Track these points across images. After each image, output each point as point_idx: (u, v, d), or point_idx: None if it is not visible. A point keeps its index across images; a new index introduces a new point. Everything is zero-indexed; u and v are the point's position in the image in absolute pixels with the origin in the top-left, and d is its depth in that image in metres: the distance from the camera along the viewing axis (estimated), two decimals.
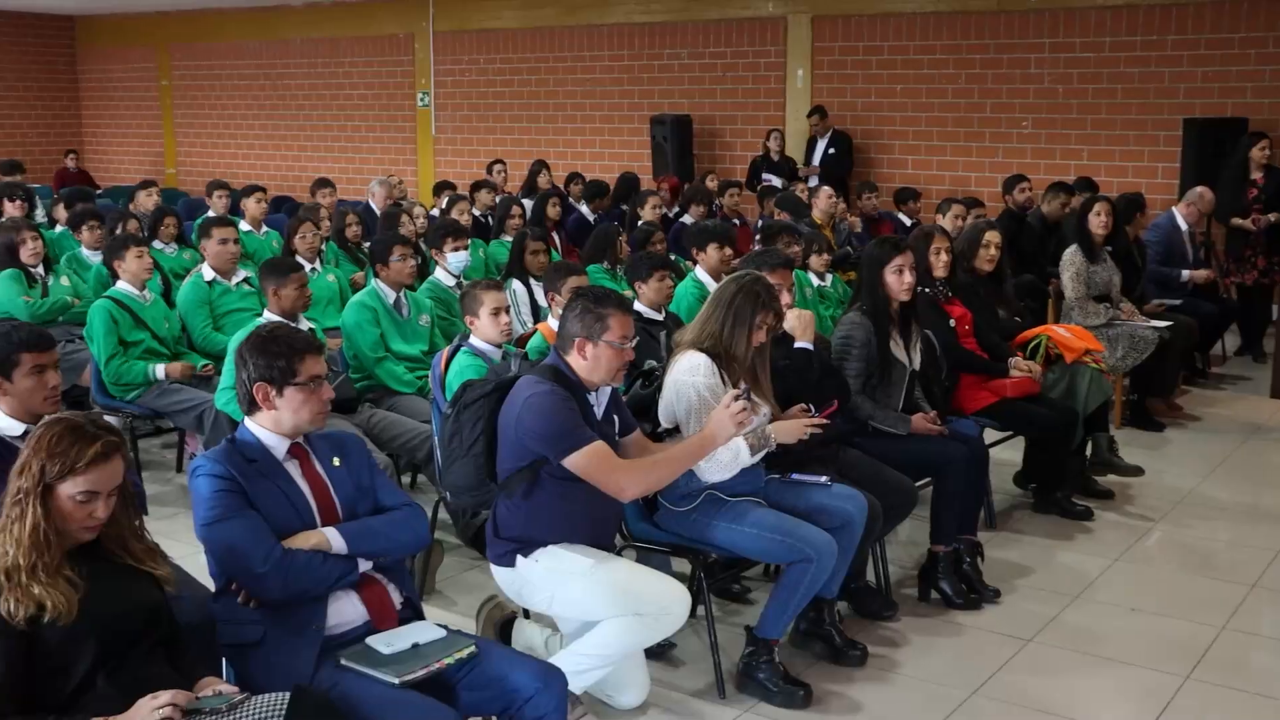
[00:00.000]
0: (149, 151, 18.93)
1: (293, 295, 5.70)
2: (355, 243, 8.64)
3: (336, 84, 16.58)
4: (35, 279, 7.28)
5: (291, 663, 3.01)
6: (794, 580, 4.16)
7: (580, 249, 9.55)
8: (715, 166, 13.21)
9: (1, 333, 3.90)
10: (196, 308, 6.71)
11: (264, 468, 3.18)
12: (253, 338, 3.30)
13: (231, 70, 17.62)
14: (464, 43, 15.29)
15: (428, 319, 6.23)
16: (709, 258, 6.59)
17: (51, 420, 2.80)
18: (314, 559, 3.07)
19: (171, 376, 6.19)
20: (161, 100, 18.57)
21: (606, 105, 14.34)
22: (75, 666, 2.67)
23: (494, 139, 15.13)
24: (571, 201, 11.21)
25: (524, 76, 14.91)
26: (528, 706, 3.02)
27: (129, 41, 18.69)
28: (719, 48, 13.50)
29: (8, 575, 2.64)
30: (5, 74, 18.65)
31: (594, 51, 14.32)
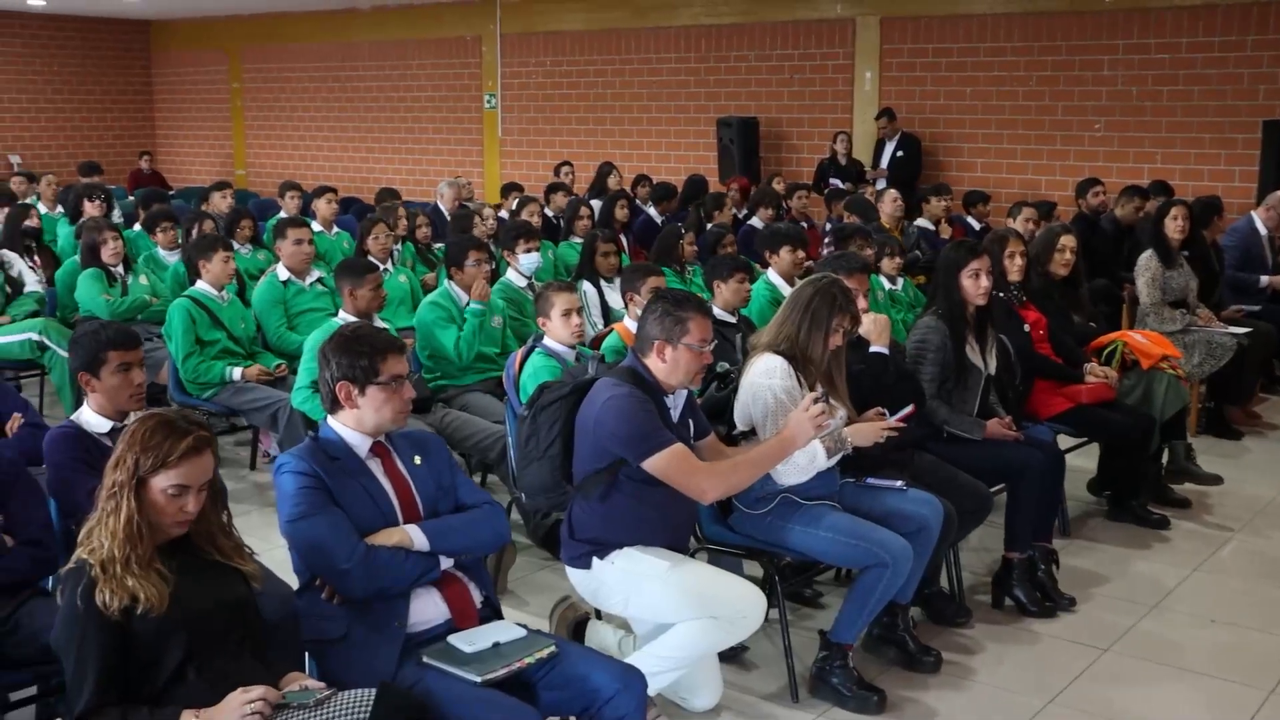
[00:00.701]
0: (219, 153, 19.21)
1: (368, 296, 5.77)
2: (425, 244, 8.70)
3: (404, 86, 16.73)
4: (115, 278, 7.41)
5: (374, 659, 3.04)
6: (869, 585, 4.13)
7: (648, 251, 9.57)
8: (781, 169, 13.16)
9: (89, 331, 3.99)
10: (271, 307, 6.80)
11: (347, 466, 3.21)
12: (336, 337, 3.33)
13: (300, 73, 17.83)
14: (531, 45, 15.36)
15: (500, 320, 6.26)
16: (782, 260, 6.57)
17: (145, 415, 2.85)
18: (396, 556, 3.10)
19: (247, 379, 6.27)
20: (232, 103, 18.83)
21: (673, 107, 14.34)
22: (166, 659, 2.72)
23: (560, 141, 15.18)
24: (639, 203, 11.21)
25: (590, 78, 14.94)
26: (607, 707, 3.02)
27: (201, 45, 18.98)
28: (786, 49, 13.45)
29: (103, 567, 2.69)
30: (83, 78, 19.02)
31: (661, 53, 14.33)
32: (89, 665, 2.65)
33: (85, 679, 2.65)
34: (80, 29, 18.85)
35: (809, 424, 3.79)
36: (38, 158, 17.90)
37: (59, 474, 3.81)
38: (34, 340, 7.21)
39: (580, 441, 3.86)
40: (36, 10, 17.86)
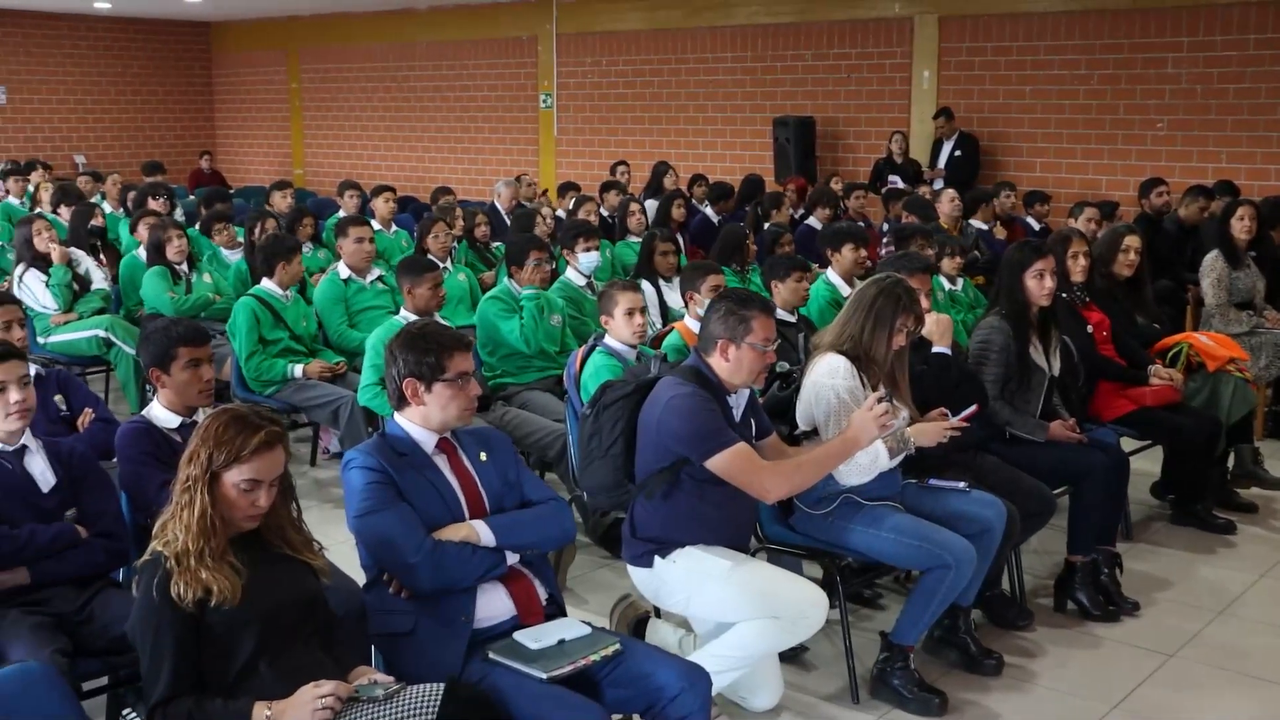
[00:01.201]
0: (277, 153, 19.42)
1: (426, 294, 5.82)
2: (484, 243, 8.75)
3: (460, 86, 16.83)
4: (180, 276, 7.51)
5: (441, 654, 3.06)
6: (931, 586, 4.11)
7: (704, 250, 9.56)
8: (838, 169, 13.11)
9: (160, 327, 4.05)
10: (333, 305, 6.87)
11: (414, 461, 3.24)
12: (403, 334, 3.36)
13: (358, 73, 17.99)
14: (587, 44, 15.40)
15: (559, 319, 6.29)
16: (844, 259, 6.54)
17: (219, 410, 2.89)
18: (464, 551, 3.13)
19: (309, 376, 6.33)
20: (290, 103, 19.03)
21: (729, 107, 14.31)
22: (239, 651, 2.76)
23: (615, 140, 15.20)
24: (694, 203, 11.20)
25: (646, 78, 14.95)
26: (672, 706, 3.03)
27: (260, 46, 19.20)
28: (844, 48, 13.39)
29: (178, 560, 2.73)
30: (145, 79, 19.32)
31: (717, 53, 14.31)
32: (164, 656, 2.70)
33: (160, 669, 2.69)
34: (143, 31, 19.14)
35: (873, 424, 3.78)
36: (101, 157, 18.19)
37: (130, 468, 3.87)
38: (100, 337, 7.34)
39: (643, 440, 3.87)
40: (102, 13, 18.16)
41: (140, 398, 7.40)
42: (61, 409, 4.71)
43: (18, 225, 7.99)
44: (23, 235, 7.59)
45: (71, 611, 3.52)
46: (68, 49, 18.51)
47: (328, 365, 6.42)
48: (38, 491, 3.66)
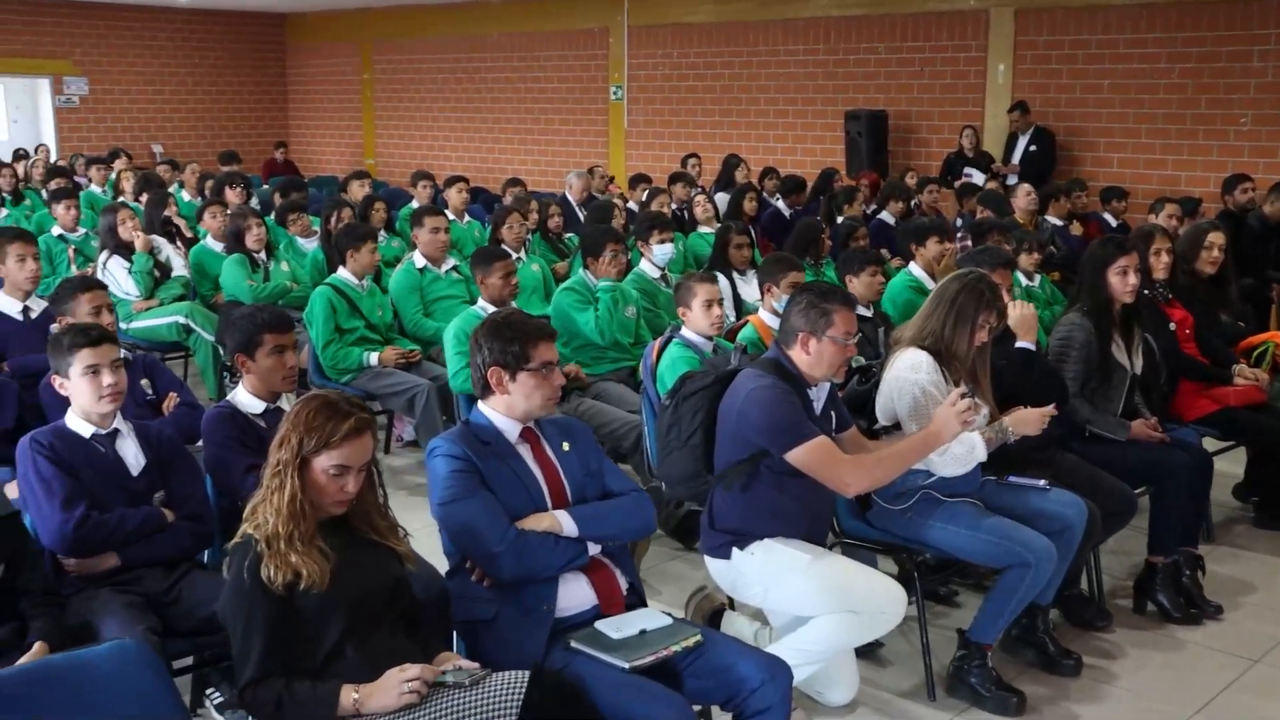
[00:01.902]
0: (349, 143, 19.61)
1: (498, 283, 5.84)
2: (557, 234, 8.78)
3: (531, 78, 16.89)
4: (258, 264, 7.61)
5: (523, 642, 3.08)
6: (1011, 585, 4.07)
7: (775, 244, 9.53)
8: (910, 163, 12.99)
9: (246, 314, 4.11)
10: (408, 294, 6.92)
11: (498, 450, 3.26)
12: (488, 323, 3.38)
13: (430, 64, 18.11)
14: (658, 37, 15.39)
15: (634, 310, 6.29)
16: (927, 253, 6.49)
17: (309, 396, 2.92)
18: (546, 540, 3.14)
19: (385, 363, 6.38)
20: (363, 94, 19.21)
21: (800, 100, 14.23)
22: (326, 634, 2.79)
23: (686, 133, 15.18)
24: (765, 196, 11.16)
25: (717, 70, 14.91)
26: (753, 698, 3.02)
27: (334, 38, 19.40)
28: (917, 41, 13.25)
29: (268, 543, 2.77)
30: (221, 70, 19.61)
31: (789, 45, 14.23)
32: (254, 637, 2.74)
33: (251, 650, 2.73)
34: (220, 23, 19.42)
35: (955, 420, 3.75)
36: (178, 147, 18.48)
37: (215, 452, 3.93)
38: (180, 323, 7.45)
39: (722, 432, 3.87)
40: (181, 6, 18.45)
41: (218, 384, 7.51)
42: (148, 393, 4.79)
43: (102, 213, 8.14)
44: (107, 223, 7.73)
45: (160, 592, 3.59)
46: (147, 41, 18.84)
47: (403, 353, 6.46)
48: (128, 474, 3.74)
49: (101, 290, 5.02)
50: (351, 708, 2.70)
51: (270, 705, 2.71)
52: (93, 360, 3.70)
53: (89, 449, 3.70)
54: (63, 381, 3.76)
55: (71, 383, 3.72)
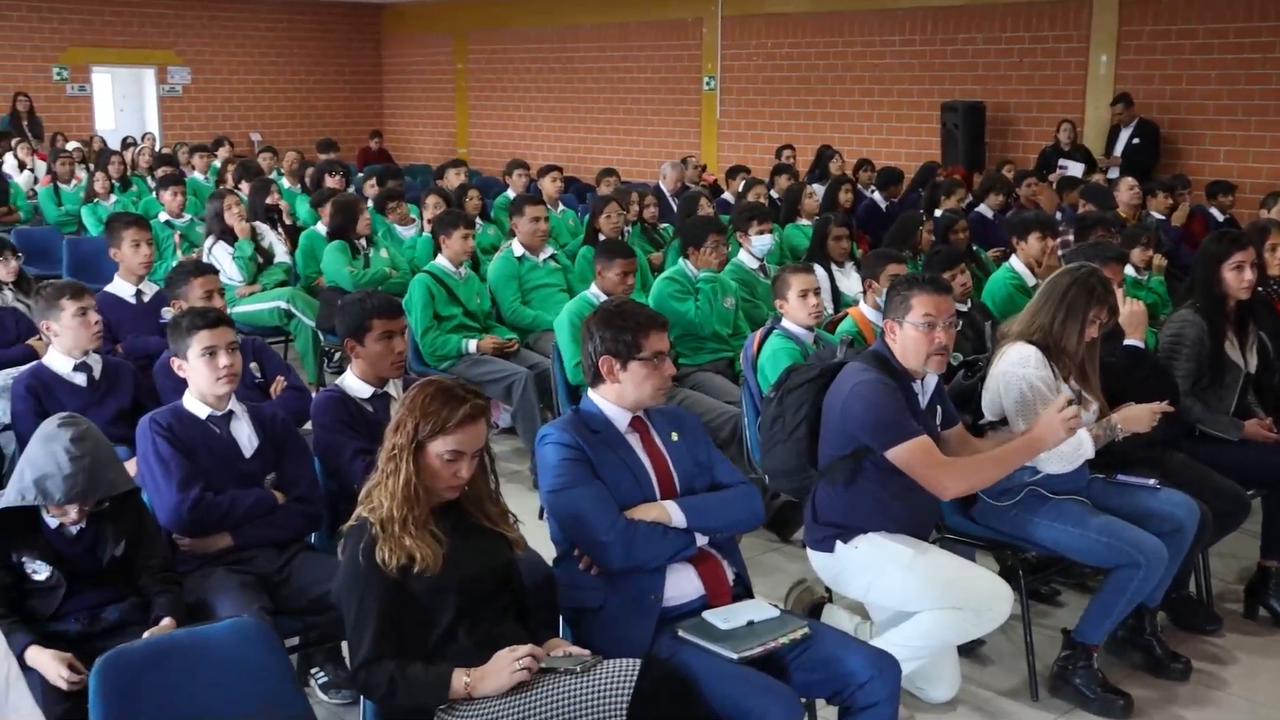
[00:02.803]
0: (442, 132, 19.81)
1: (614, 279, 5.81)
2: (652, 224, 8.78)
3: (624, 68, 16.91)
4: (358, 251, 7.71)
5: (630, 631, 3.08)
6: (1120, 585, 3.99)
7: (870, 236, 9.45)
8: (1007, 155, 12.78)
9: (355, 299, 4.17)
10: (506, 282, 6.96)
11: (607, 439, 3.26)
12: (600, 312, 3.40)
13: (523, 54, 18.22)
14: (752, 27, 15.31)
15: (732, 301, 6.28)
16: (1029, 247, 6.38)
17: (425, 381, 2.95)
18: (655, 530, 3.14)
19: (483, 350, 6.43)
20: (456, 83, 19.38)
21: (895, 91, 14.07)
22: (439, 618, 2.82)
23: (779, 124, 15.09)
24: (860, 188, 11.06)
25: (811, 61, 14.80)
26: (861, 692, 3.00)
27: (429, 28, 19.60)
28: (1017, 31, 13.03)
29: (383, 526, 2.80)
30: (319, 59, 19.92)
31: (885, 36, 14.08)
32: (368, 619, 2.77)
33: (365, 631, 2.77)
34: (318, 13, 19.72)
35: (1060, 426, 3.68)
36: (275, 135, 18.79)
37: (324, 435, 3.99)
38: (282, 309, 7.58)
39: (826, 426, 3.84)
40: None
41: (318, 368, 7.64)
42: (256, 376, 4.88)
43: (209, 200, 8.31)
44: (214, 209, 7.89)
45: (272, 572, 3.66)
46: (248, 31, 19.19)
47: (500, 341, 6.51)
48: (241, 455, 3.82)
49: (214, 275, 5.13)
50: (463, 691, 2.73)
51: (383, 686, 2.75)
52: (210, 342, 3.78)
53: (205, 430, 3.78)
54: (181, 363, 3.84)
55: (189, 365, 3.80)
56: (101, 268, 8.03)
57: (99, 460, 3.18)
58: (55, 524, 3.25)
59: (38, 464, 3.14)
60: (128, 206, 10.15)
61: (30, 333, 5.48)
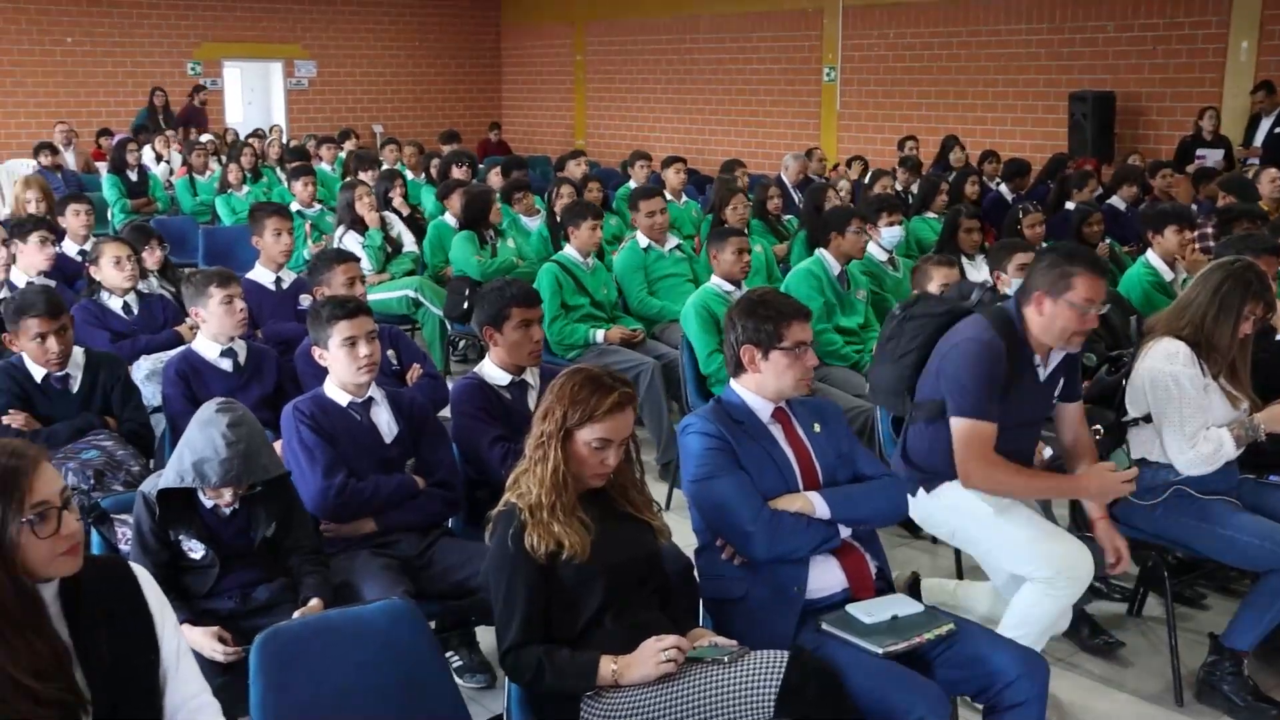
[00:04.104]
0: (560, 123, 19.94)
1: (730, 259, 5.86)
2: (775, 215, 8.73)
3: (743, 59, 16.83)
4: (486, 240, 7.79)
5: (773, 623, 3.07)
6: (1273, 589, 3.86)
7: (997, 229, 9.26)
8: (1139, 147, 12.45)
9: (495, 288, 4.21)
10: (633, 273, 6.98)
11: (750, 429, 3.25)
12: (743, 301, 3.39)
13: (641, 45, 18.25)
14: (873, 16, 15.13)
15: (864, 293, 6.22)
16: (1166, 241, 6.20)
17: (573, 370, 2.97)
18: (799, 522, 3.12)
19: (610, 341, 6.46)
20: (575, 75, 19.49)
21: (1021, 81, 13.78)
22: (585, 604, 2.84)
23: (900, 114, 14.89)
24: (985, 180, 10.86)
25: (934, 50, 14.58)
26: (1008, 691, 2.95)
27: (548, 19, 19.74)
28: (1150, 19, 12.66)
29: (531, 512, 2.83)
30: (440, 52, 20.21)
31: (1011, 24, 13.79)
32: (517, 604, 2.80)
33: (513, 616, 2.80)
34: (439, 6, 20.01)
35: (1117, 488, 3.72)
36: (397, 127, 19.12)
37: (463, 422, 4.04)
38: (410, 297, 7.70)
39: (929, 364, 3.86)
40: None
41: (444, 357, 7.74)
42: (393, 363, 4.96)
43: (341, 190, 8.47)
44: (345, 199, 8.04)
45: (414, 556, 3.73)
46: (371, 25, 19.55)
47: (627, 332, 6.53)
48: (382, 441, 3.88)
49: (355, 263, 5.22)
50: (610, 678, 2.75)
51: (530, 670, 2.78)
52: (350, 332, 3.85)
53: (346, 417, 3.86)
54: (322, 352, 3.92)
55: (330, 354, 3.88)
56: (235, 256, 8.27)
57: (253, 445, 3.26)
58: (210, 505, 3.34)
59: (196, 447, 3.23)
60: (259, 197, 10.39)
61: (177, 319, 5.65)
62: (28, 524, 2.25)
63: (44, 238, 6.15)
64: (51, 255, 6.17)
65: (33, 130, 15.97)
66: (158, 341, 5.43)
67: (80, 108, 16.84)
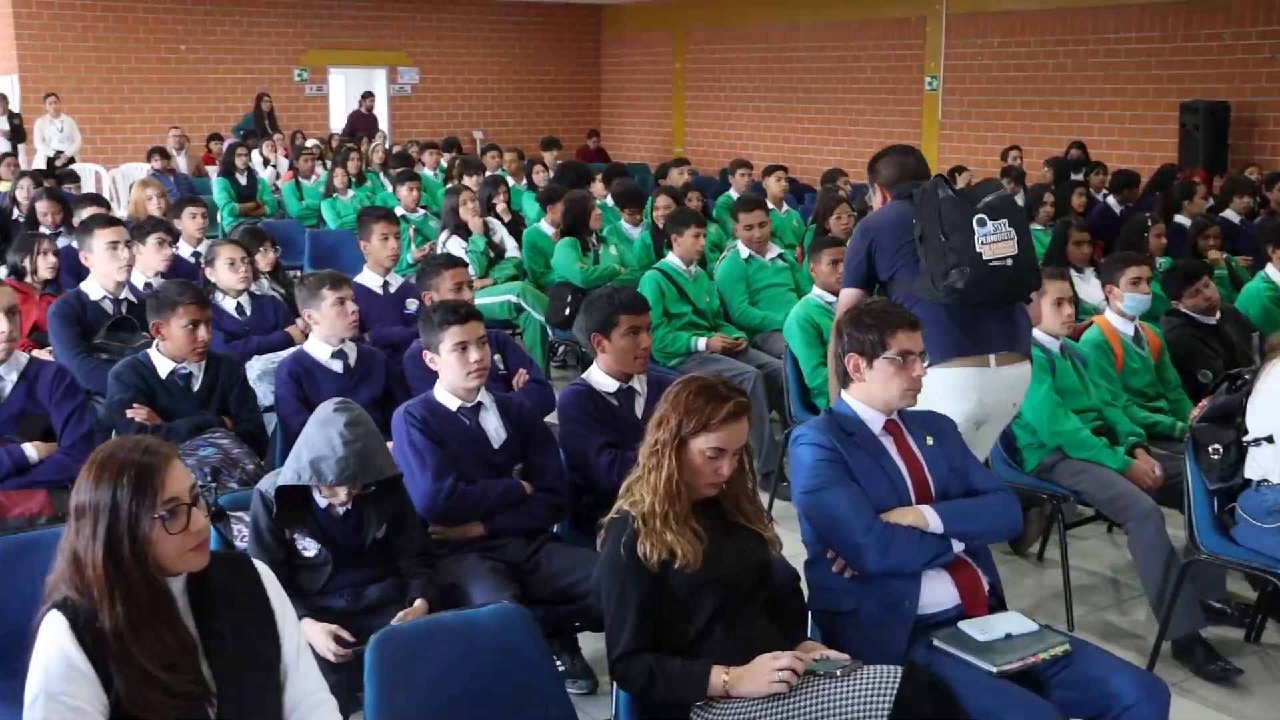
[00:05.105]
0: (658, 131, 19.98)
1: (826, 270, 5.83)
2: None
3: (844, 67, 16.72)
4: (589, 247, 7.83)
5: (884, 637, 3.04)
6: None
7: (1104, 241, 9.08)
8: (1253, 158, 12.13)
9: (604, 295, 4.22)
10: (734, 282, 6.97)
11: (861, 441, 3.22)
12: (851, 311, 3.37)
13: (741, 53, 18.21)
14: (978, 25, 14.93)
15: None
16: None
17: (688, 378, 2.97)
18: (912, 535, 3.09)
19: (712, 349, 6.45)
20: (673, 82, 19.51)
21: (1130, 90, 13.50)
22: (697, 614, 2.83)
23: (1003, 124, 14.67)
24: (1092, 192, 10.66)
25: (1040, 60, 14.33)
26: (1127, 715, 2.87)
27: (647, 27, 19.80)
28: (1270, 25, 12.29)
29: (644, 520, 2.83)
30: (539, 59, 20.38)
31: (1120, 33, 13.52)
32: (629, 611, 2.80)
33: (625, 623, 2.80)
34: (540, 14, 20.17)
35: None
36: (496, 134, 19.30)
37: (571, 428, 4.06)
38: (512, 302, 7.77)
39: None
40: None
41: (545, 361, 7.79)
42: (499, 368, 5.00)
43: (445, 195, 8.58)
44: (449, 204, 8.14)
45: (521, 560, 3.75)
46: (473, 32, 19.78)
47: (729, 340, 6.52)
48: (490, 446, 3.92)
49: (463, 268, 5.28)
50: (721, 689, 2.74)
51: (642, 678, 2.78)
52: (462, 338, 3.89)
53: (456, 421, 3.90)
54: (433, 356, 3.97)
55: (441, 358, 3.92)
56: (340, 258, 8.40)
57: (369, 445, 3.31)
58: (325, 505, 3.40)
59: (314, 446, 3.28)
60: (364, 201, 10.56)
61: (287, 320, 5.76)
62: (159, 520, 2.30)
63: (161, 239, 6.29)
64: (168, 256, 6.31)
65: (146, 135, 16.41)
66: (269, 342, 5.54)
67: (191, 113, 17.26)
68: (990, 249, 4.05)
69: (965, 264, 4.03)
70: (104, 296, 5.48)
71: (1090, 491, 4.55)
